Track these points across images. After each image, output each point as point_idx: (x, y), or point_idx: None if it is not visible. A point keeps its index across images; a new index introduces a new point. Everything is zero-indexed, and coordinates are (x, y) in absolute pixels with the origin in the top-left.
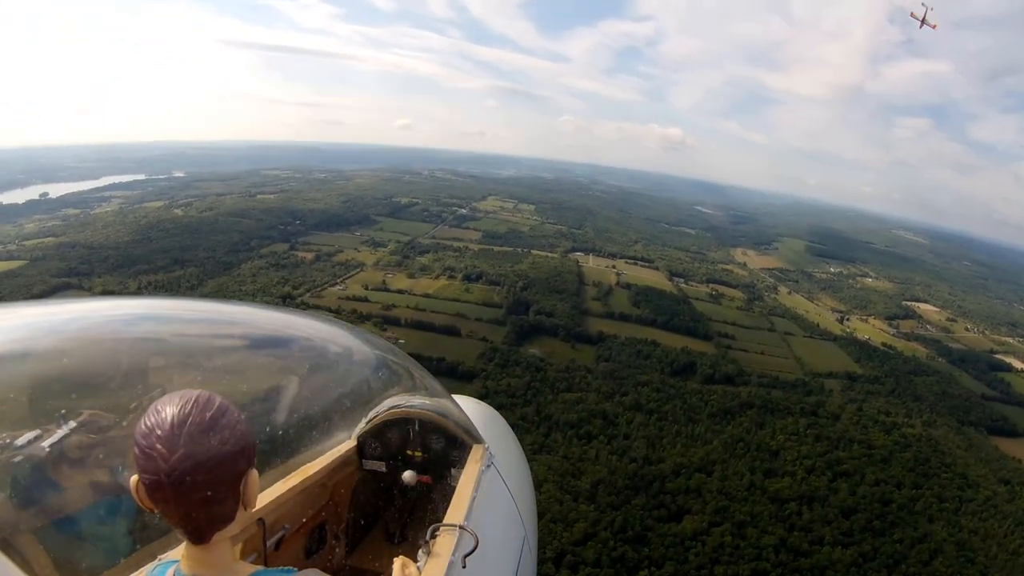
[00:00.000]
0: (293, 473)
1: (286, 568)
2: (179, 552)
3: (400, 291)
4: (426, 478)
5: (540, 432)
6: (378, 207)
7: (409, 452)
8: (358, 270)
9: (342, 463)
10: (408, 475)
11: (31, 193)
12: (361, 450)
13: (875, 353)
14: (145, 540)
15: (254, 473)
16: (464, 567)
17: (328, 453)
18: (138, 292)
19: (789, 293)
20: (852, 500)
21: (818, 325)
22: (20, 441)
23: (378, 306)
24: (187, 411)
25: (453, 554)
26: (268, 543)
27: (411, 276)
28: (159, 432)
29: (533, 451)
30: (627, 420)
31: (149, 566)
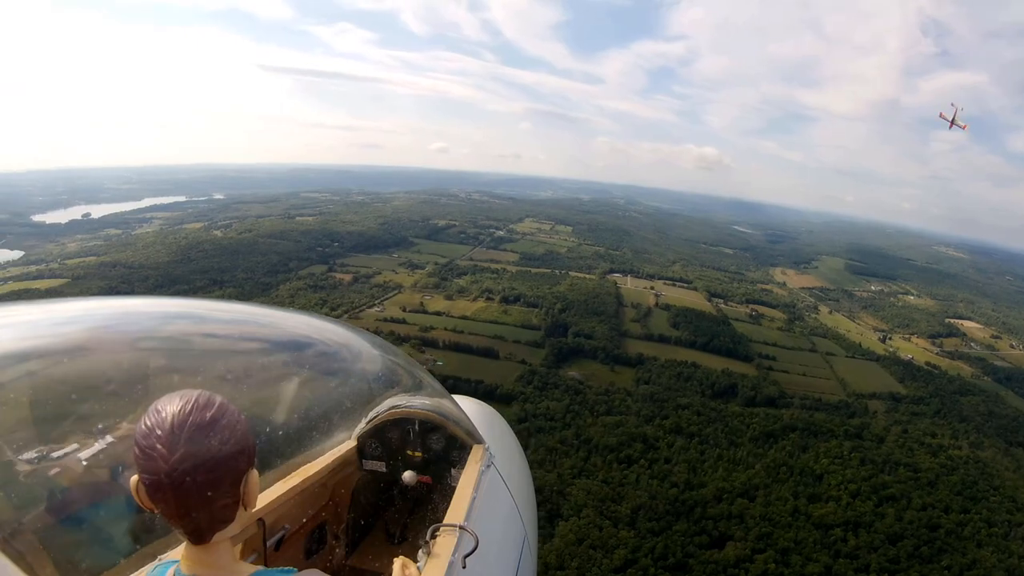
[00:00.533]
0: (293, 473)
1: (286, 568)
2: (179, 552)
3: (438, 313)
4: (426, 478)
5: (579, 456)
6: (416, 229)
7: (409, 452)
8: (396, 292)
9: (342, 463)
10: (408, 475)
11: (74, 213)
12: (361, 450)
13: (919, 373)
14: (145, 540)
15: (254, 473)
16: (464, 567)
17: (328, 453)
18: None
19: (830, 312)
20: (899, 526)
21: (860, 345)
22: (20, 442)
23: (416, 328)
24: (187, 411)
25: (453, 554)
26: (268, 543)
27: (449, 298)
28: (159, 432)
29: (572, 475)
30: (668, 444)
31: (149, 566)
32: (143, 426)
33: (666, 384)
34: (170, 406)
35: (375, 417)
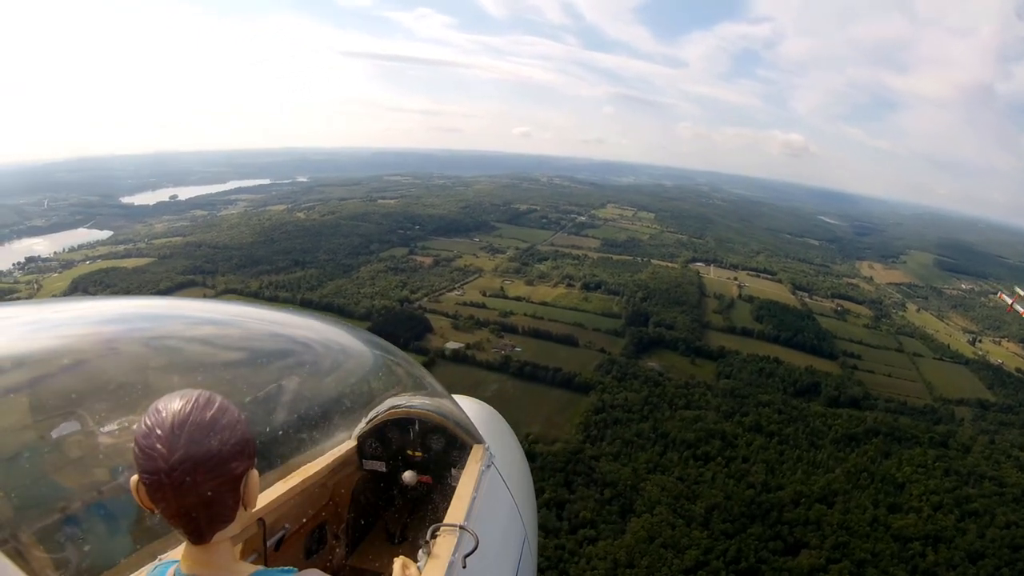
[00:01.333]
0: (293, 473)
1: (286, 568)
2: (179, 552)
3: (518, 298)
4: (426, 478)
5: (656, 450)
6: (497, 213)
7: (409, 452)
8: (476, 276)
9: (342, 463)
10: (408, 475)
11: (162, 195)
12: (361, 450)
13: (1009, 379)
14: (145, 540)
15: (254, 473)
16: (464, 567)
17: (328, 453)
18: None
19: (918, 311)
20: (980, 544)
21: (948, 346)
22: (21, 441)
23: (495, 313)
24: (187, 411)
25: (453, 554)
26: (268, 543)
27: (529, 283)
28: (159, 432)
29: (647, 470)
30: (746, 442)
31: (149, 566)
32: (143, 426)
33: (747, 380)
34: (170, 406)
35: (375, 417)
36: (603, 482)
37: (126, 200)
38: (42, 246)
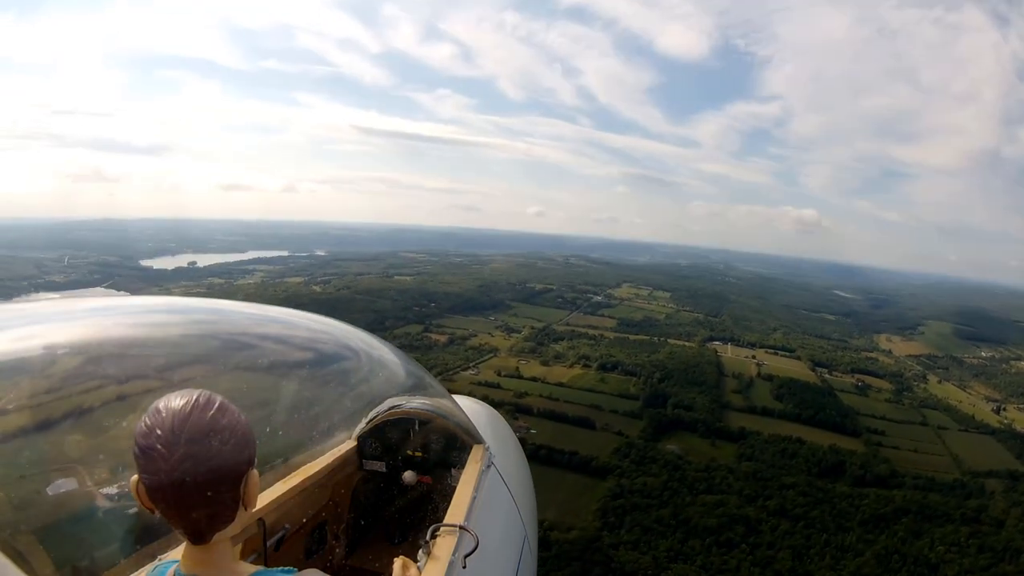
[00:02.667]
0: (293, 473)
1: (286, 568)
2: (179, 552)
3: (533, 378)
4: (426, 478)
5: (676, 538)
6: (512, 292)
7: (409, 452)
8: (491, 355)
9: (342, 463)
10: (408, 475)
11: (180, 261)
12: (361, 450)
13: None
14: (145, 540)
15: (254, 473)
16: (464, 567)
17: (328, 453)
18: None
19: (939, 382)
20: None
21: (973, 417)
22: (20, 442)
23: (510, 393)
24: (187, 411)
25: (453, 554)
26: (268, 543)
27: (545, 363)
28: (159, 432)
29: (668, 559)
30: (771, 527)
31: (149, 566)
32: (143, 426)
33: (770, 461)
34: (170, 406)
35: (375, 417)
36: (622, 572)
37: (145, 263)
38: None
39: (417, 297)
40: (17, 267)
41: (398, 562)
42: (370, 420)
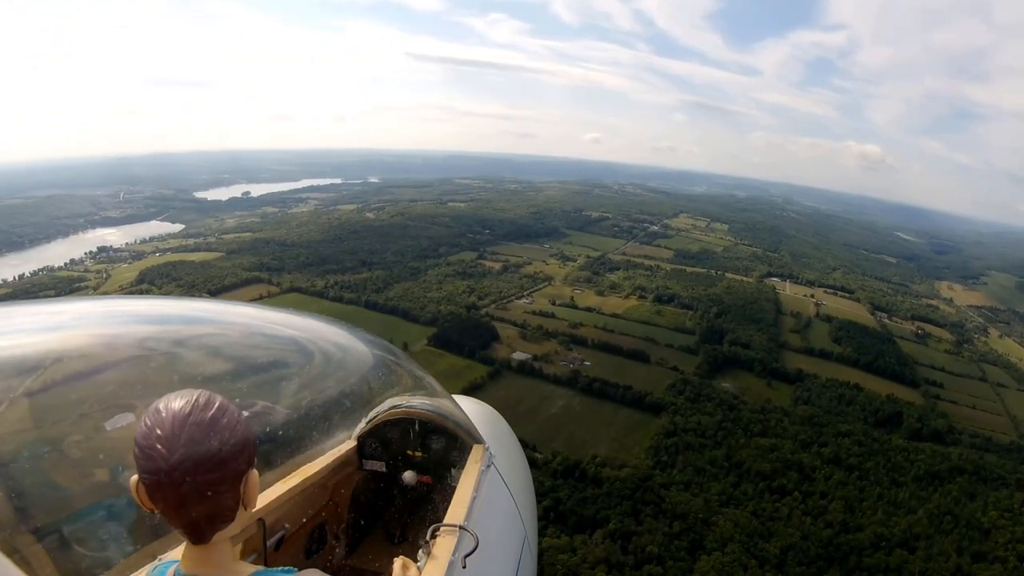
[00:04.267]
0: (293, 473)
1: (286, 568)
2: (179, 552)
3: (588, 309)
4: (426, 478)
5: (729, 481)
6: (568, 220)
7: (409, 452)
8: (546, 284)
9: (342, 463)
10: (408, 475)
11: (234, 191)
12: (361, 450)
13: None
14: (145, 540)
15: (254, 473)
16: (464, 567)
17: (328, 453)
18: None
19: (1000, 336)
20: None
21: None
22: (20, 442)
23: (565, 323)
24: (187, 411)
25: (453, 554)
26: (268, 543)
27: (600, 293)
28: (159, 432)
29: (720, 502)
30: (825, 476)
31: (149, 566)
32: (143, 426)
33: (826, 406)
34: (170, 406)
35: (375, 417)
36: (673, 514)
37: (199, 195)
38: (115, 237)
39: (471, 224)
40: (74, 205)
41: (398, 562)
42: (370, 420)
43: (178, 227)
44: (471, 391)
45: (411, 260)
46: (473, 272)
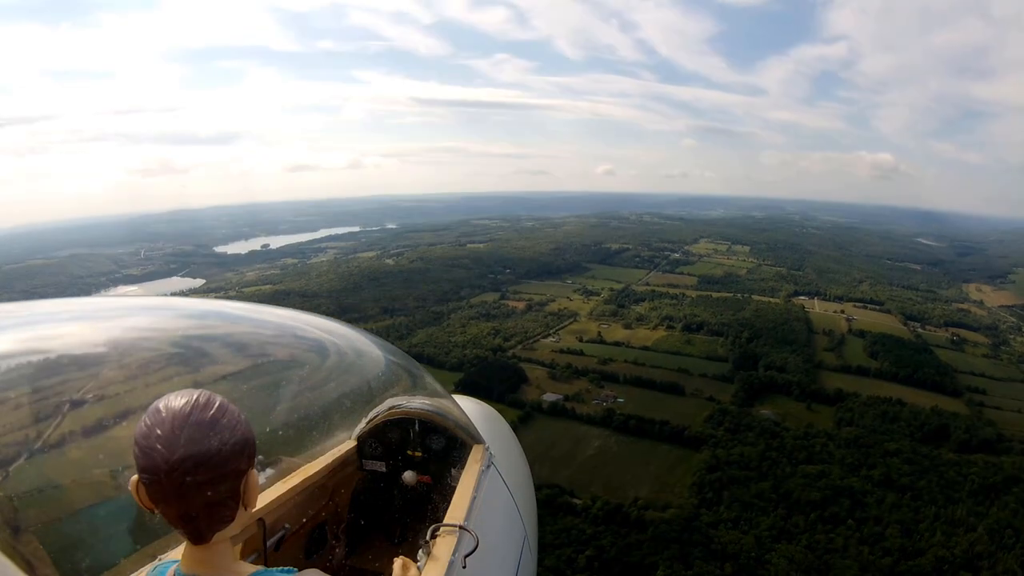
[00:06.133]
0: (293, 473)
1: (286, 568)
2: (179, 552)
3: (617, 343)
4: (426, 478)
5: (778, 514)
6: (588, 254)
7: (409, 452)
8: (571, 320)
9: (342, 463)
10: (408, 475)
11: (254, 244)
12: (361, 450)
13: None
14: (145, 540)
15: (254, 473)
16: (464, 567)
17: (328, 453)
18: None
19: None
20: None
21: None
22: (19, 441)
23: (594, 360)
24: (187, 411)
25: (453, 554)
26: (268, 543)
27: (628, 326)
28: (159, 432)
29: (771, 538)
30: (877, 500)
31: (149, 566)
32: (143, 426)
33: (870, 425)
34: (170, 405)
35: (375, 417)
36: (723, 554)
37: (219, 249)
38: (135, 294)
39: (491, 264)
40: (96, 264)
41: (398, 562)
42: (370, 420)
43: (199, 282)
44: None
45: (433, 304)
46: (497, 313)
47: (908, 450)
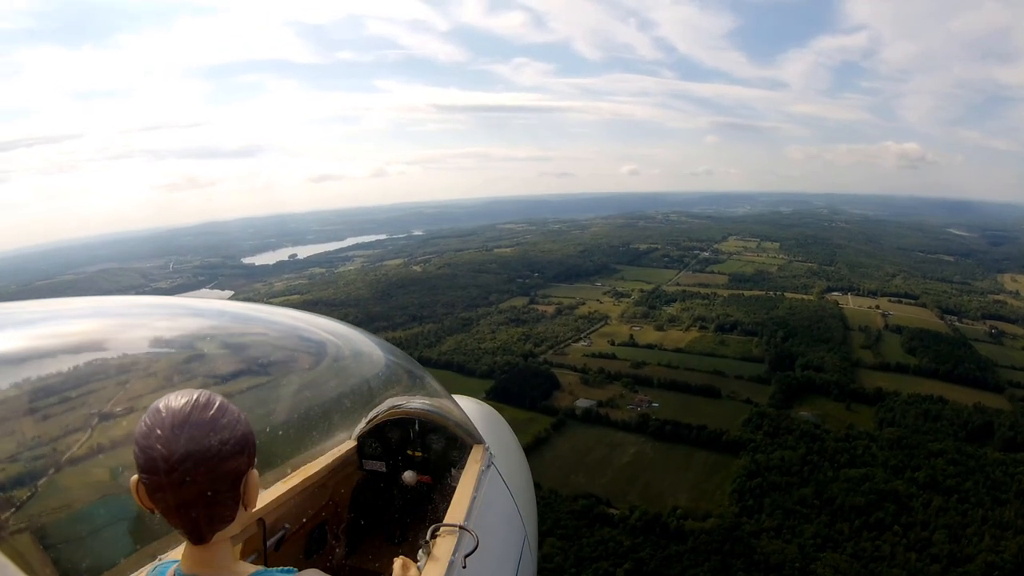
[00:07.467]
0: (293, 473)
1: (286, 568)
2: (179, 552)
3: (649, 346)
4: (426, 478)
5: (822, 521)
6: (616, 255)
7: (409, 452)
8: (602, 323)
9: (342, 463)
10: (408, 475)
11: (281, 255)
12: (361, 450)
13: None
14: (145, 540)
15: (254, 473)
16: (464, 567)
17: (328, 453)
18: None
19: None
20: None
21: None
22: (20, 441)
23: (627, 364)
24: (187, 411)
25: (453, 554)
26: (268, 543)
27: (659, 328)
28: (159, 432)
29: (815, 547)
30: (923, 503)
31: (149, 566)
32: (143, 425)
33: (912, 425)
34: (170, 405)
35: (375, 417)
36: (767, 565)
37: (247, 260)
38: None
39: (519, 268)
40: (125, 278)
41: (398, 562)
42: (370, 420)
43: (227, 293)
44: (536, 444)
45: (462, 311)
46: (526, 318)
47: (952, 450)
